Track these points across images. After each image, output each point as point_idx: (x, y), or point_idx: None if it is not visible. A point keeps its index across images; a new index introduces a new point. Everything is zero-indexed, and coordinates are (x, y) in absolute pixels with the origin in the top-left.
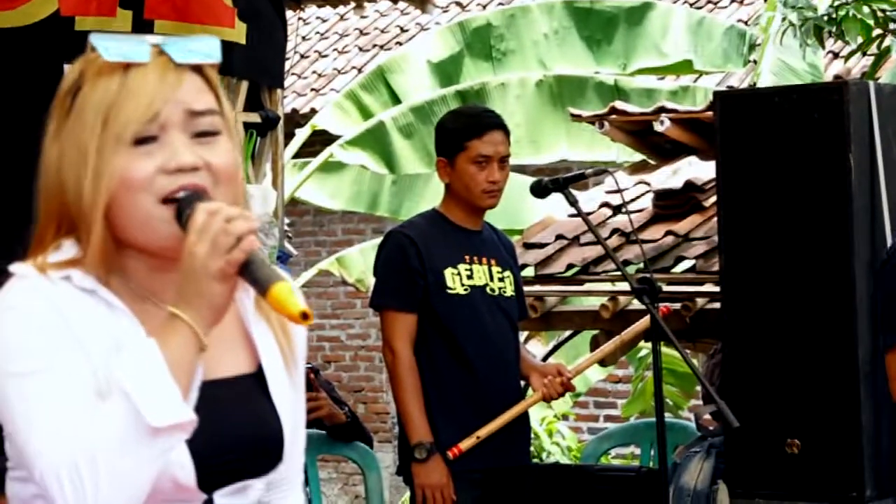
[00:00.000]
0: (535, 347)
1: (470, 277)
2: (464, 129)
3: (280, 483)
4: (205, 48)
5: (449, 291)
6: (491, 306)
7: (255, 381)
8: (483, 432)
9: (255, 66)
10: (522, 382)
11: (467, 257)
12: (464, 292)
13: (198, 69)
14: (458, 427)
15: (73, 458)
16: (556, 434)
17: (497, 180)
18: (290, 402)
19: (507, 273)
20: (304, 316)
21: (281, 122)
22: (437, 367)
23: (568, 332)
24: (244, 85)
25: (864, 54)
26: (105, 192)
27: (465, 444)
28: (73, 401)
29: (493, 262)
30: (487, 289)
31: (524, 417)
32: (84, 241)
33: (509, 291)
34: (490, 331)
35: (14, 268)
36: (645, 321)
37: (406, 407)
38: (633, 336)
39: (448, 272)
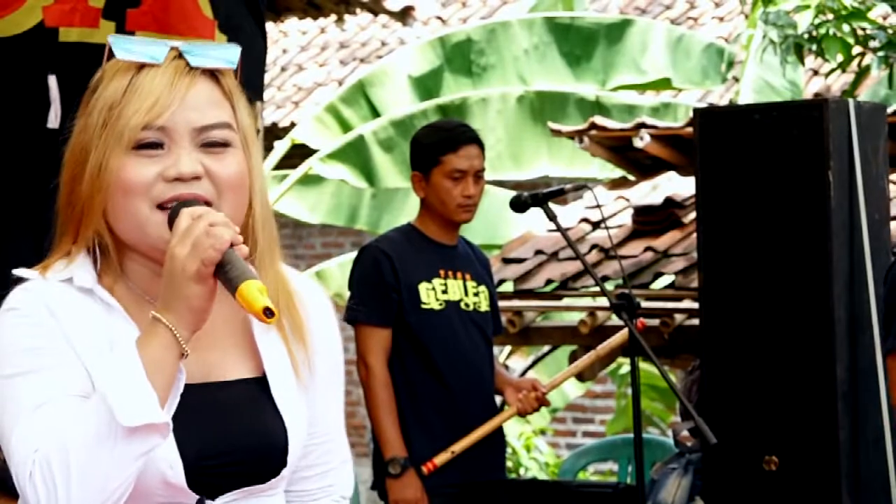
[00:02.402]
0: (516, 363)
1: (444, 292)
2: (439, 144)
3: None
4: (224, 54)
5: (423, 306)
6: (465, 321)
7: (260, 386)
8: (458, 447)
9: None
10: (498, 398)
11: (442, 272)
12: (438, 307)
13: (214, 77)
14: (433, 442)
15: (46, 456)
16: (533, 449)
17: (472, 195)
18: (298, 408)
19: (482, 288)
20: (268, 312)
21: (261, 134)
22: (412, 381)
23: (547, 348)
24: None
25: (845, 72)
26: (102, 192)
27: (440, 458)
28: (53, 401)
29: (467, 276)
30: (462, 304)
31: (499, 432)
32: (82, 240)
33: (484, 306)
34: (464, 346)
35: (18, 272)
36: (622, 335)
37: (380, 422)
38: (609, 350)
39: (423, 287)
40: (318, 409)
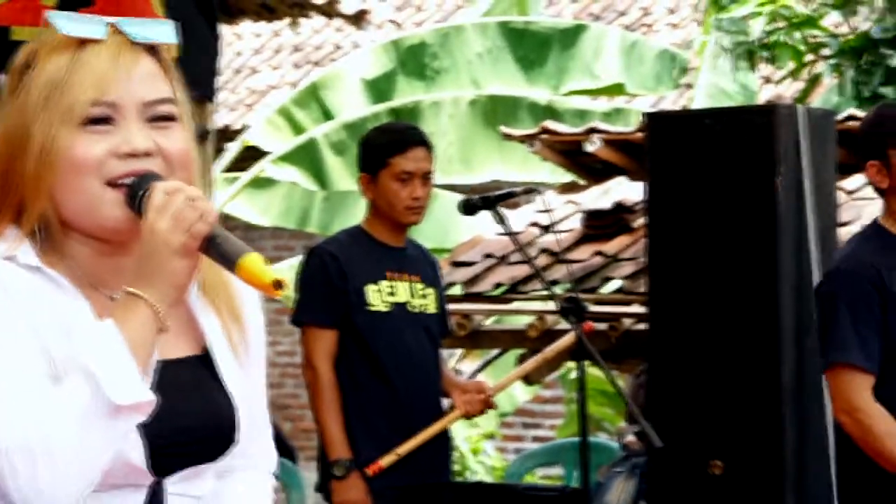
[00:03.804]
0: (466, 366)
1: (392, 294)
2: (386, 146)
3: (233, 469)
4: (162, 30)
5: (370, 308)
6: (412, 323)
7: (203, 364)
8: (403, 449)
9: (187, 78)
10: (446, 400)
11: (389, 274)
12: (385, 309)
13: (154, 53)
14: (378, 444)
15: (27, 441)
16: (481, 453)
17: (420, 197)
18: (241, 384)
19: (430, 290)
20: (278, 284)
21: (212, 135)
22: (358, 383)
23: (496, 351)
24: None
25: (797, 79)
26: (49, 170)
27: (385, 460)
28: (24, 383)
29: (415, 278)
30: (409, 305)
31: (445, 435)
32: (28, 221)
33: (432, 308)
34: (411, 347)
35: None
36: (569, 338)
37: (325, 424)
38: (556, 353)
39: (369, 289)
40: (253, 386)
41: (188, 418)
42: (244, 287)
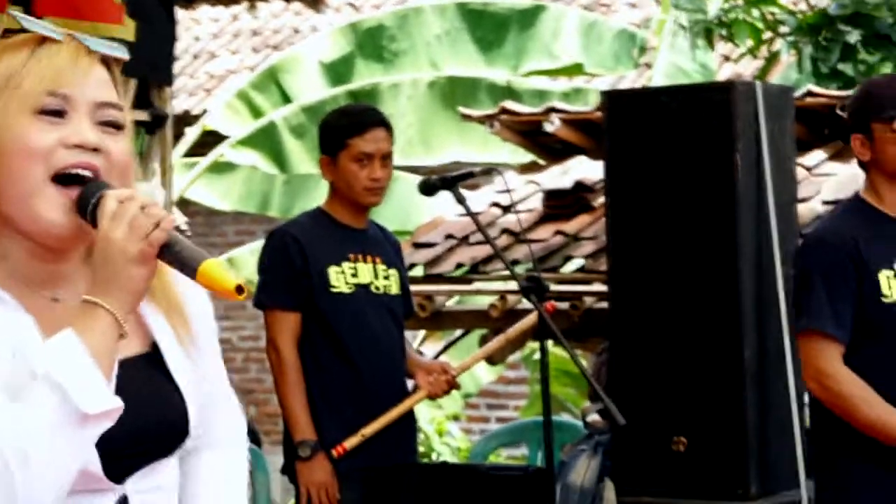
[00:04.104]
0: (429, 348)
1: (354, 276)
2: (346, 128)
3: (198, 449)
4: (115, 45)
5: (333, 290)
6: (376, 304)
7: (151, 361)
8: (368, 430)
9: (144, 63)
10: (410, 381)
11: (352, 255)
12: (348, 290)
13: (106, 65)
14: (343, 425)
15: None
16: (446, 434)
17: (379, 178)
18: (191, 378)
19: (393, 271)
20: (240, 290)
21: (170, 120)
22: (321, 365)
23: (459, 332)
24: (133, 82)
25: (755, 57)
26: None
27: (350, 442)
28: None
29: (378, 259)
30: (372, 287)
31: (410, 416)
32: None
33: (394, 289)
34: (375, 329)
35: None
36: (531, 318)
37: (290, 405)
38: (518, 333)
39: (332, 270)
40: (207, 372)
41: (141, 419)
42: (183, 278)
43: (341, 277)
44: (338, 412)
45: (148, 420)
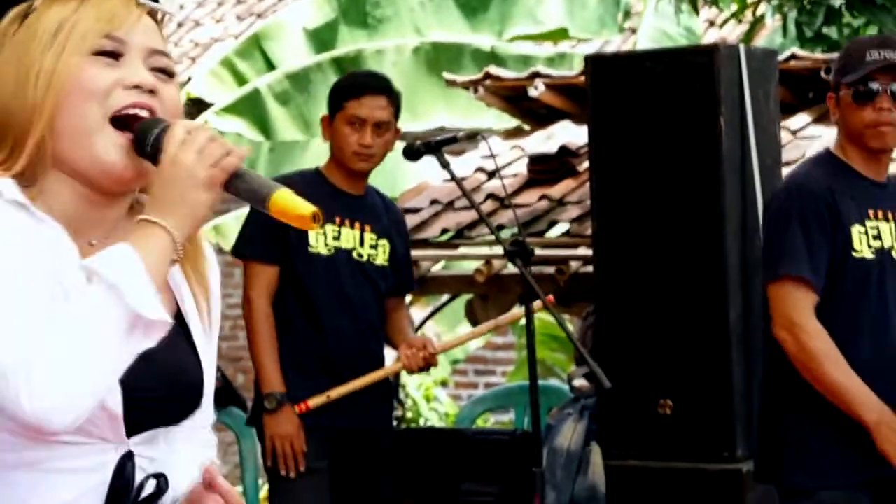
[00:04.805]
0: (416, 313)
1: (336, 239)
2: (344, 90)
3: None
4: (161, 2)
5: (310, 250)
6: (355, 271)
7: (174, 325)
8: (334, 393)
9: None
10: (394, 352)
11: (338, 219)
12: (326, 252)
13: (154, 18)
14: (308, 385)
15: (27, 355)
16: (433, 400)
17: (368, 144)
18: (208, 349)
19: (383, 242)
20: (316, 217)
21: None
22: (291, 323)
23: (445, 298)
24: None
25: (740, 22)
26: (53, 95)
27: (314, 401)
28: (32, 297)
29: (367, 227)
30: (354, 253)
31: (386, 384)
32: (23, 154)
33: (380, 260)
34: (349, 294)
35: None
36: (521, 311)
37: (259, 357)
38: (508, 322)
39: (312, 230)
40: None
41: (162, 375)
42: (211, 257)
43: (321, 238)
44: (303, 371)
45: (167, 379)
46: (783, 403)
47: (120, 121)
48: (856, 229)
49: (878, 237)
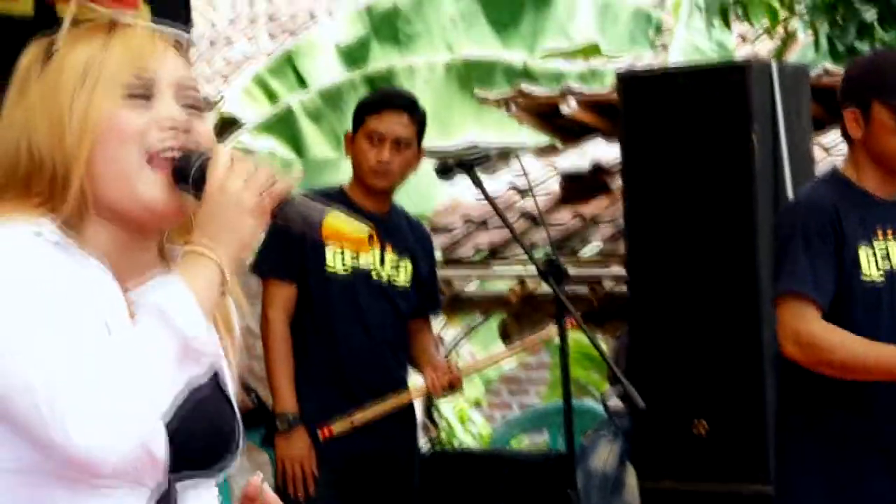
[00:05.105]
0: (449, 333)
1: (355, 258)
2: (366, 105)
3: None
4: (178, 25)
5: (327, 269)
6: (375, 292)
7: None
8: (359, 417)
9: None
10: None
11: None
12: (343, 272)
13: (178, 47)
14: (324, 407)
15: (77, 385)
16: (468, 421)
17: (386, 161)
18: (234, 394)
19: (405, 262)
20: (371, 239)
21: None
22: (307, 342)
23: (479, 317)
24: None
25: (772, 37)
26: (89, 141)
27: (338, 426)
28: (85, 328)
29: (388, 247)
30: (373, 273)
31: (409, 409)
32: (65, 200)
33: (402, 281)
34: (366, 316)
35: None
36: (551, 330)
37: (273, 377)
38: (534, 343)
39: (330, 249)
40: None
41: (202, 423)
42: (234, 301)
43: (339, 257)
44: (319, 393)
45: (206, 428)
46: (798, 431)
47: (157, 161)
48: (863, 250)
49: (886, 257)
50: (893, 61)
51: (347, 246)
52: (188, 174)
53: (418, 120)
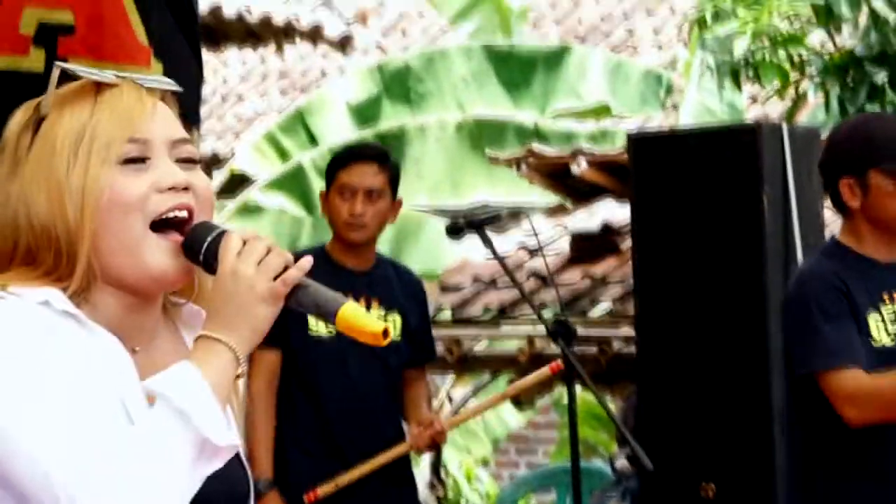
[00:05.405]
0: (458, 392)
1: None
2: (335, 161)
3: None
4: (164, 79)
5: (311, 332)
6: (360, 351)
7: None
8: (343, 479)
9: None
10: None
11: None
12: (327, 334)
13: (165, 100)
14: (312, 468)
15: (93, 480)
16: (475, 479)
17: (359, 213)
18: (242, 452)
19: (393, 316)
20: (386, 333)
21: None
22: (294, 406)
23: (487, 376)
24: None
25: (783, 98)
26: (91, 214)
27: (323, 489)
28: (101, 418)
29: (374, 302)
30: None
31: (403, 465)
32: (64, 270)
33: (390, 335)
34: (352, 375)
35: None
36: (536, 375)
37: (251, 442)
38: (518, 391)
39: None
40: None
41: (221, 490)
42: None
43: (321, 321)
44: (307, 455)
45: (224, 495)
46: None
47: (160, 224)
48: (872, 317)
49: (895, 321)
50: (881, 126)
51: (362, 339)
52: (198, 252)
53: (389, 169)
